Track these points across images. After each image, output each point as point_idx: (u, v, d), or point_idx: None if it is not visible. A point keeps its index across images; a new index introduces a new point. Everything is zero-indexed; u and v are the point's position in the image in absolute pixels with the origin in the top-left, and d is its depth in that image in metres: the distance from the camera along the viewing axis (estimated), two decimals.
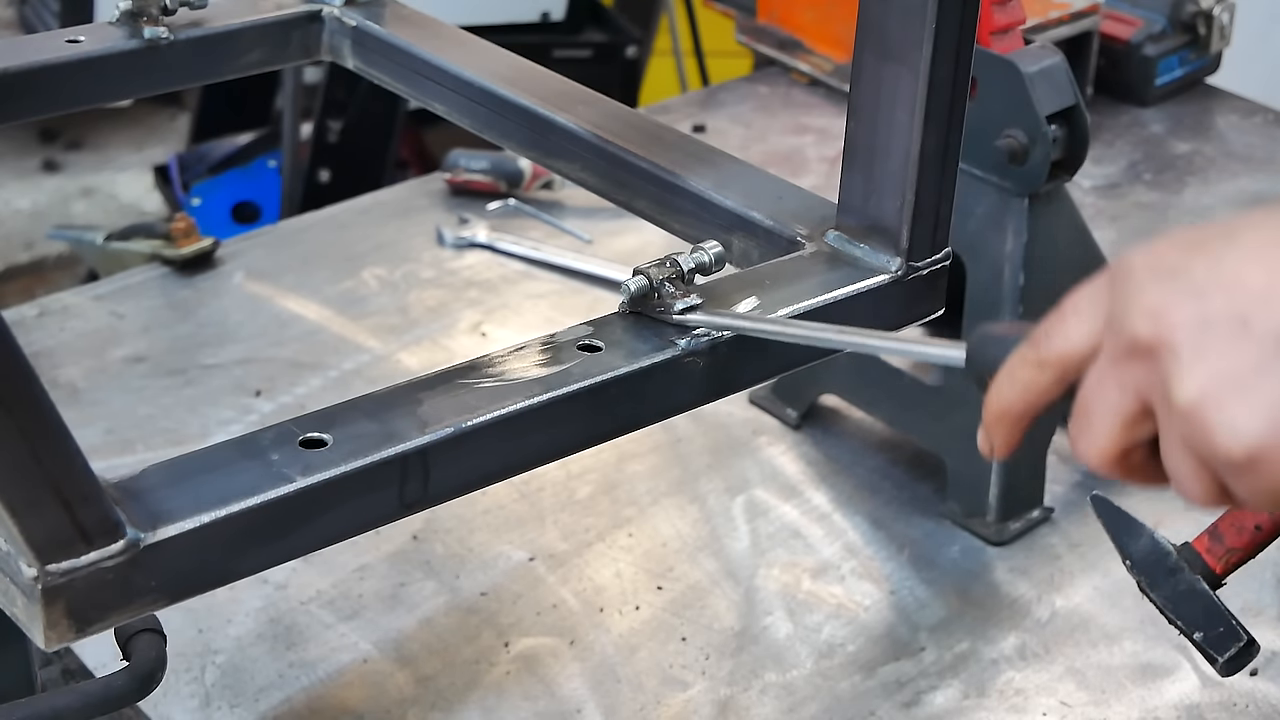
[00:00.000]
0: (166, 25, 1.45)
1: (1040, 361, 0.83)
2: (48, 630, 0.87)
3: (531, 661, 1.49)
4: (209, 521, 0.90)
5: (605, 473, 1.73)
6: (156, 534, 0.89)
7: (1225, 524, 1.23)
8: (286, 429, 0.96)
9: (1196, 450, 0.73)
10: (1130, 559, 1.24)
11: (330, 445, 0.95)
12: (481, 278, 2.09)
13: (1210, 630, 1.20)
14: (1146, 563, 1.23)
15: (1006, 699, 1.47)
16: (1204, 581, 1.21)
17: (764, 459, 1.77)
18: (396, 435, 0.97)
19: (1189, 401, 0.72)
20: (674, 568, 1.61)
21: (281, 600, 1.55)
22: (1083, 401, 0.81)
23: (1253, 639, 1.20)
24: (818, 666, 1.50)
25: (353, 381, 1.86)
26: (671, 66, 3.73)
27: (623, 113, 1.36)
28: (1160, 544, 1.24)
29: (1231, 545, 1.21)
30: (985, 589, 1.59)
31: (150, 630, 1.02)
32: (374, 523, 0.98)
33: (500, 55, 1.46)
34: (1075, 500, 1.70)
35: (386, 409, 0.99)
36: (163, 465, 0.94)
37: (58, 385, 1.83)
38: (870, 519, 1.68)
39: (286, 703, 1.45)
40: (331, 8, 1.53)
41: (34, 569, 0.85)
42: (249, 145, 3.36)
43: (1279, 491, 0.71)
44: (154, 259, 2.08)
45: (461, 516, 1.66)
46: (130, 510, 0.89)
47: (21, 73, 1.39)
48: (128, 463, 1.68)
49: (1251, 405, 0.71)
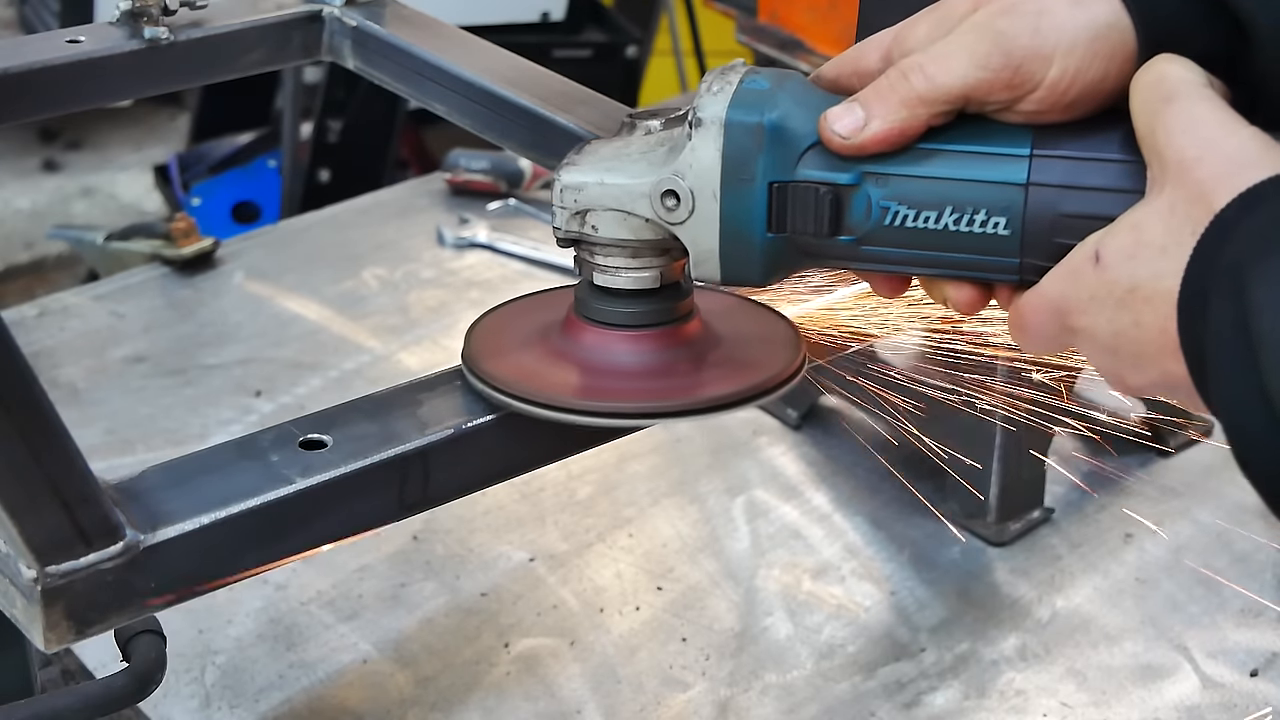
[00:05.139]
0: (166, 25, 1.45)
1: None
2: (47, 632, 0.87)
3: (532, 662, 1.49)
4: (209, 523, 0.90)
5: (605, 473, 1.73)
6: (156, 535, 0.89)
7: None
8: (286, 430, 0.96)
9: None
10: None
11: (330, 446, 0.95)
12: (481, 278, 2.09)
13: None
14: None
15: (1007, 700, 1.47)
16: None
17: (764, 459, 1.76)
18: (396, 436, 0.96)
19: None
20: (674, 568, 1.61)
21: (281, 601, 1.55)
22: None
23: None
24: (818, 667, 1.50)
25: (353, 381, 1.86)
26: (671, 66, 3.73)
27: (623, 113, 1.36)
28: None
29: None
30: (985, 589, 1.59)
31: (150, 631, 1.02)
32: (374, 524, 0.98)
33: (500, 55, 1.46)
34: (1075, 501, 1.70)
35: (386, 410, 0.99)
36: (162, 466, 0.94)
37: (58, 385, 1.83)
38: (870, 519, 1.68)
39: (286, 703, 1.45)
40: (332, 8, 1.52)
41: (33, 570, 0.85)
42: (249, 145, 3.36)
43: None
44: (154, 259, 2.08)
45: (462, 517, 1.66)
46: (130, 511, 0.89)
47: (21, 73, 1.39)
48: (128, 463, 1.68)
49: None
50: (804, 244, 0.92)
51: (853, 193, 0.90)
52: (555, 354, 1.00)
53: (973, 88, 0.87)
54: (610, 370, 0.98)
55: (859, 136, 0.89)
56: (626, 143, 0.97)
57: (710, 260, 0.93)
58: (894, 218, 0.90)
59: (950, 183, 0.89)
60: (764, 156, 0.91)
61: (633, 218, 0.95)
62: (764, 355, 1.00)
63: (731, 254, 0.93)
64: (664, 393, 0.97)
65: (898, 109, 0.88)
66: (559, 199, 0.96)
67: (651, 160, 0.94)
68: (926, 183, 0.89)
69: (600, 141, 0.98)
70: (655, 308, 0.98)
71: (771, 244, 0.92)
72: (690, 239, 0.93)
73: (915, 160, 0.89)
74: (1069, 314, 0.85)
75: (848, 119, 0.89)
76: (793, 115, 0.91)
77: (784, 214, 0.91)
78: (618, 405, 0.96)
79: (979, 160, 0.89)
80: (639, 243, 0.96)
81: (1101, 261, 0.83)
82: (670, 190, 0.92)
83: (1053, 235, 0.87)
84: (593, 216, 0.95)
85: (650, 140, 0.96)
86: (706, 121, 0.91)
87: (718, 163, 0.91)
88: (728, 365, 0.99)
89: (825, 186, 0.90)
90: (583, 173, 0.95)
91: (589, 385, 0.98)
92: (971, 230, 0.89)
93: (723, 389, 0.96)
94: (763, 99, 0.91)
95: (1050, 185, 0.87)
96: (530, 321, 1.04)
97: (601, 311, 0.99)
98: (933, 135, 0.89)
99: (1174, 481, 1.74)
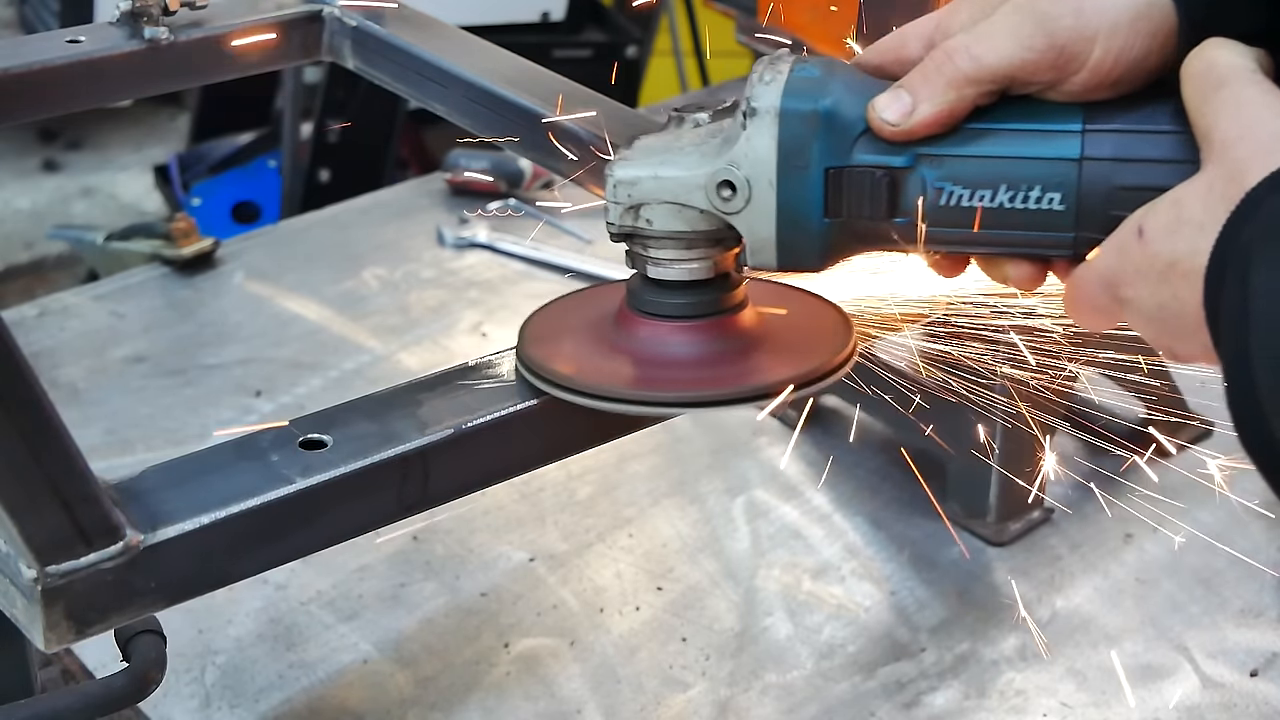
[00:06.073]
0: (166, 25, 1.45)
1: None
2: (47, 631, 0.87)
3: (532, 662, 1.49)
4: (208, 523, 0.90)
5: (605, 473, 1.73)
6: (156, 535, 0.89)
7: None
8: (286, 430, 0.96)
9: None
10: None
11: (330, 446, 0.95)
12: (481, 278, 2.09)
13: None
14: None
15: (1007, 700, 1.47)
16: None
17: (764, 459, 1.76)
18: (396, 436, 0.96)
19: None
20: (674, 568, 1.61)
21: (281, 601, 1.55)
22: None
23: None
24: (818, 667, 1.50)
25: (353, 381, 1.86)
26: (671, 66, 3.73)
27: (622, 113, 1.36)
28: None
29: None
30: (985, 590, 1.59)
31: (150, 631, 1.02)
32: (373, 524, 0.98)
33: (500, 55, 1.46)
34: (1075, 501, 1.70)
35: (386, 410, 0.99)
36: (162, 466, 0.94)
37: (58, 385, 1.83)
38: (870, 519, 1.68)
39: (286, 703, 1.45)
40: (331, 8, 1.52)
41: (34, 570, 0.85)
42: (249, 145, 3.36)
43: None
44: (154, 259, 2.08)
45: (462, 517, 1.66)
46: (130, 511, 0.89)
47: (21, 73, 1.39)
48: (128, 463, 1.68)
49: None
50: (860, 228, 0.93)
51: (907, 175, 0.91)
52: (624, 351, 1.00)
53: (1017, 68, 0.88)
54: (674, 361, 0.99)
55: (908, 122, 0.90)
56: (676, 136, 0.97)
57: (767, 248, 0.94)
58: (949, 198, 0.91)
59: (1004, 161, 0.90)
60: (819, 143, 0.91)
61: (688, 209, 0.95)
62: (817, 341, 1.01)
63: (789, 241, 0.93)
64: (727, 379, 0.97)
65: (944, 91, 0.89)
66: (612, 194, 0.96)
67: (704, 152, 0.95)
68: (980, 162, 0.90)
69: (649, 136, 0.98)
70: (711, 297, 0.99)
71: (828, 229, 0.93)
72: (747, 227, 0.94)
73: (967, 140, 0.90)
74: (1118, 286, 0.87)
75: (895, 105, 0.90)
76: (845, 101, 0.91)
77: (840, 199, 0.92)
78: (682, 394, 0.97)
79: (1032, 137, 0.90)
80: (694, 234, 0.96)
81: (1144, 236, 0.85)
82: (726, 180, 0.93)
83: (1108, 208, 0.88)
84: (647, 210, 0.96)
85: (700, 132, 0.97)
86: (761, 111, 0.91)
87: (774, 151, 0.91)
88: (785, 352, 1.00)
89: (880, 170, 0.91)
90: (636, 167, 0.96)
91: (664, 377, 0.99)
92: (1026, 207, 0.90)
93: (784, 373, 0.97)
94: (815, 86, 0.92)
95: (1104, 159, 0.89)
96: (583, 319, 1.05)
97: (657, 304, 0.99)
98: (982, 115, 0.90)
99: (1174, 481, 1.74)
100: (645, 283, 0.99)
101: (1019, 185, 0.90)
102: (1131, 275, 0.85)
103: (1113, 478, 1.74)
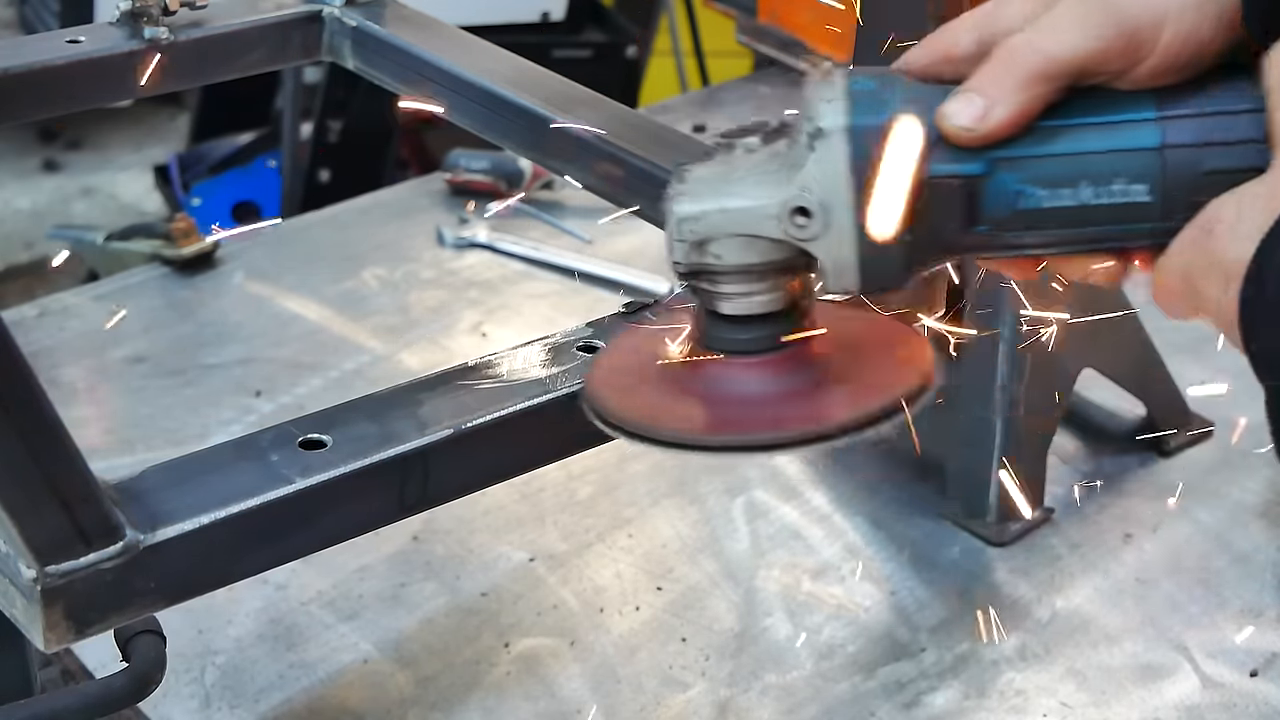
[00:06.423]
0: (166, 25, 1.45)
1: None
2: (47, 632, 0.87)
3: (532, 662, 1.49)
4: (208, 523, 0.90)
5: (605, 473, 1.73)
6: (156, 535, 0.89)
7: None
8: (286, 430, 0.96)
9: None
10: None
11: (330, 446, 0.95)
12: (481, 278, 2.09)
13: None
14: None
15: (1007, 700, 1.47)
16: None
17: (764, 459, 1.76)
18: (396, 436, 0.96)
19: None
20: (674, 569, 1.61)
21: (281, 601, 1.55)
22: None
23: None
24: (818, 667, 1.50)
25: (353, 381, 1.86)
26: (671, 66, 3.73)
27: (623, 113, 1.36)
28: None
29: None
30: (985, 590, 1.59)
31: (150, 631, 1.02)
32: (373, 524, 0.98)
33: (500, 55, 1.46)
34: (1075, 501, 1.70)
35: (386, 410, 0.99)
36: (162, 466, 0.94)
37: (58, 385, 1.83)
38: (870, 520, 1.68)
39: (286, 703, 1.45)
40: (331, 8, 1.52)
41: (33, 570, 0.85)
42: (249, 145, 3.36)
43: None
44: (154, 259, 2.08)
45: (462, 517, 1.66)
46: (130, 511, 0.89)
47: (21, 73, 1.39)
48: (128, 463, 1.68)
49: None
50: (940, 239, 0.91)
51: (985, 181, 0.89)
52: (705, 394, 0.97)
53: (1087, 59, 0.86)
54: (757, 399, 0.95)
55: (983, 126, 0.87)
56: (730, 165, 0.93)
57: (849, 271, 0.91)
58: (1029, 200, 0.89)
59: (1083, 157, 0.88)
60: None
61: (759, 240, 0.91)
62: (896, 355, 0.98)
63: (870, 261, 0.90)
64: (830, 410, 0.94)
65: (1016, 91, 0.87)
66: (676, 232, 0.92)
67: (768, 179, 0.91)
68: (1058, 160, 0.88)
69: (699, 167, 0.94)
70: (783, 328, 0.95)
71: (909, 244, 0.90)
72: (825, 252, 0.91)
73: (1042, 139, 0.88)
74: (1193, 279, 0.85)
75: (969, 110, 0.87)
76: (910, 111, 0.89)
77: (918, 212, 0.89)
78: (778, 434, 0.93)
79: (1107, 130, 0.88)
80: (766, 264, 0.92)
81: (1212, 232, 0.84)
82: (800, 207, 0.89)
83: (1193, 195, 0.86)
84: (715, 245, 0.92)
85: (757, 159, 0.93)
86: (828, 131, 0.88)
87: (848, 172, 0.89)
88: (871, 371, 0.96)
89: (957, 179, 0.89)
90: (698, 202, 0.92)
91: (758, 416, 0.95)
92: (1111, 202, 0.88)
93: (881, 392, 0.94)
94: (876, 99, 0.89)
95: (1186, 145, 0.87)
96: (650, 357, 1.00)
97: (730, 341, 0.95)
98: (1052, 112, 0.88)
99: (1174, 481, 1.74)
100: (715, 319, 0.95)
101: (1100, 180, 0.88)
102: (1205, 269, 0.84)
103: (1113, 478, 1.75)
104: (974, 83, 0.88)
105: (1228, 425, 1.79)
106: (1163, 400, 1.78)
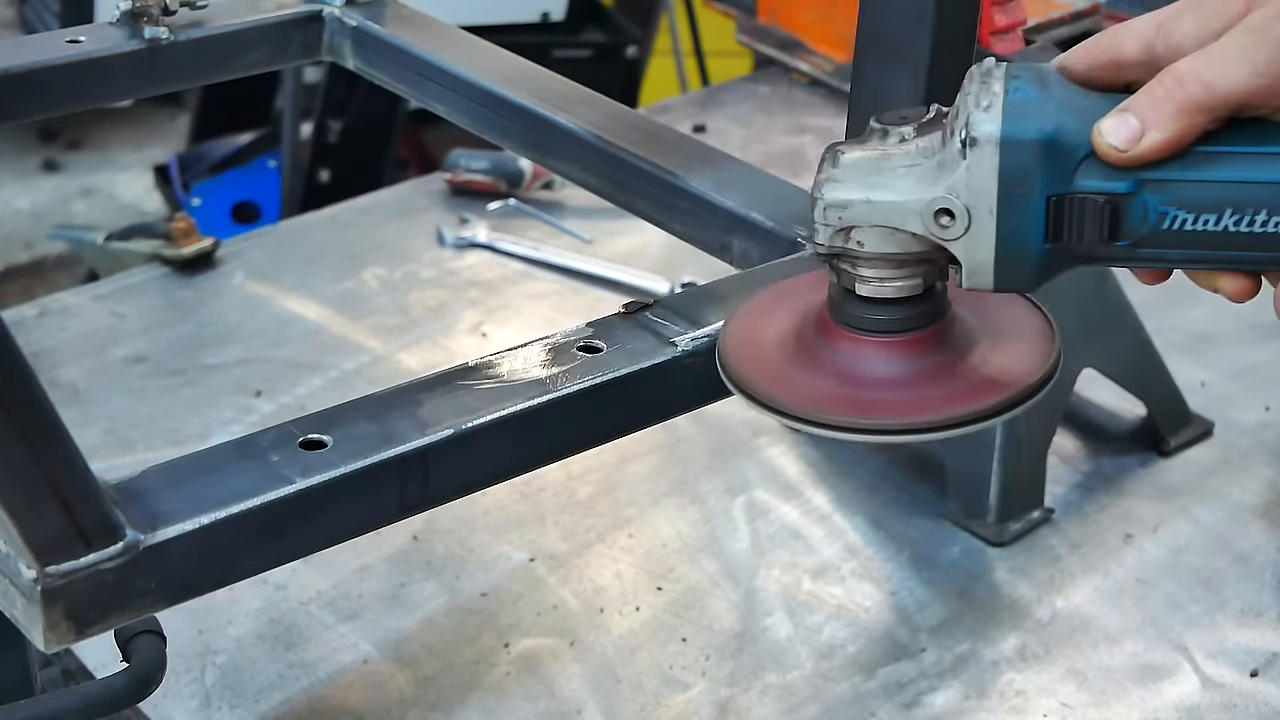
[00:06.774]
0: (166, 25, 1.45)
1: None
2: (47, 632, 0.87)
3: (532, 662, 1.49)
4: (209, 523, 0.90)
5: (606, 473, 1.73)
6: (156, 535, 0.89)
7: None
8: (286, 430, 0.96)
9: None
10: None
11: (330, 446, 0.95)
12: (481, 278, 2.09)
13: None
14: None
15: (1007, 700, 1.47)
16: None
17: (764, 459, 1.76)
18: (396, 436, 0.96)
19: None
20: (674, 568, 1.61)
21: (281, 601, 1.55)
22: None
23: None
24: (818, 667, 1.50)
25: (353, 381, 1.86)
26: (671, 66, 3.73)
27: (623, 113, 1.36)
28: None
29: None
30: (985, 590, 1.59)
31: (150, 632, 1.02)
32: (374, 524, 0.98)
33: (500, 55, 1.46)
34: (1076, 501, 1.70)
35: (386, 410, 0.99)
36: (162, 466, 0.94)
37: (58, 385, 1.83)
38: (870, 520, 1.68)
39: (286, 703, 1.45)
40: (331, 8, 1.53)
41: (33, 570, 0.85)
42: (249, 145, 3.36)
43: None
44: (154, 259, 2.08)
45: (462, 517, 1.66)
46: (130, 511, 0.89)
47: (21, 73, 1.39)
48: (128, 463, 1.68)
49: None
50: (1079, 250, 0.92)
51: (1130, 200, 0.90)
52: (840, 374, 0.99)
53: (1250, 95, 0.87)
54: (893, 381, 0.98)
55: (1136, 149, 0.88)
56: (883, 154, 0.95)
57: (985, 272, 0.93)
58: (1172, 222, 0.90)
59: (1232, 185, 0.89)
60: (1041, 171, 0.90)
61: (900, 233, 0.94)
62: (1025, 341, 1.00)
63: (1007, 265, 0.92)
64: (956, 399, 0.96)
65: (1175, 118, 0.87)
66: (822, 217, 0.95)
67: (918, 176, 0.93)
68: (1206, 186, 0.89)
69: (852, 151, 0.96)
70: (918, 312, 0.98)
71: (1048, 253, 0.92)
72: (964, 253, 0.93)
73: (1193, 165, 0.89)
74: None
75: (1124, 131, 0.88)
76: (1065, 126, 0.90)
77: (1061, 224, 0.91)
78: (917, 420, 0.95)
79: (1261, 161, 0.88)
80: (905, 255, 0.95)
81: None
82: (944, 209, 0.91)
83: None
84: (858, 233, 0.94)
85: (909, 150, 0.94)
86: (981, 140, 0.89)
87: (995, 181, 0.90)
88: (1003, 354, 0.98)
89: (1103, 197, 0.90)
90: (847, 190, 0.94)
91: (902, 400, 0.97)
92: (1252, 230, 0.89)
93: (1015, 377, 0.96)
94: (1033, 110, 0.90)
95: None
96: (782, 326, 1.03)
97: (866, 320, 0.98)
98: (1208, 139, 0.89)
99: (1174, 481, 1.74)
100: (850, 297, 0.98)
101: (1246, 209, 0.89)
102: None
103: (1113, 478, 1.75)
104: (1134, 104, 0.88)
105: (1228, 425, 1.80)
106: (1163, 400, 1.78)
